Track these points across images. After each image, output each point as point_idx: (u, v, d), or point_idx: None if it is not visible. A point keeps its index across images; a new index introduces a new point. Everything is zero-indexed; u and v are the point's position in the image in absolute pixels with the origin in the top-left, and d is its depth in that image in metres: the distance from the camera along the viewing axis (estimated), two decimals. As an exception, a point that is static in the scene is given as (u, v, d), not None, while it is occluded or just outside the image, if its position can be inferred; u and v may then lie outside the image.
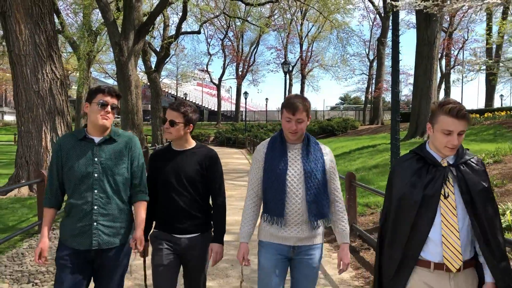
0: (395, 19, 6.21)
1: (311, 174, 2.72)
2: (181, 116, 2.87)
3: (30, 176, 10.01)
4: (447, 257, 2.16)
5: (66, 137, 2.77)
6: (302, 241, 2.75)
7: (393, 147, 6.47)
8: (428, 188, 2.23)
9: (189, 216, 2.88)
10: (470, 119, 2.26)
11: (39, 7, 9.95)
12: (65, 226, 2.69)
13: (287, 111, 2.70)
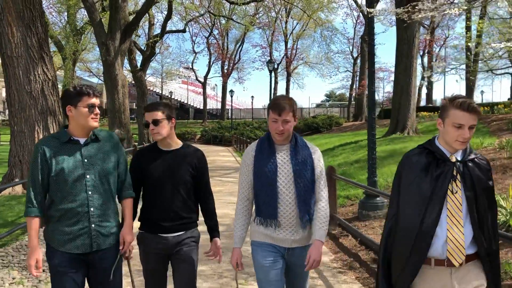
0: (370, 25, 6.72)
1: (300, 175, 2.72)
2: (160, 113, 2.85)
3: (24, 175, 10.31)
4: (451, 252, 2.17)
5: (47, 141, 2.68)
6: (297, 243, 2.76)
7: (370, 142, 6.99)
8: (437, 183, 2.23)
9: (178, 216, 2.88)
10: (480, 113, 2.26)
11: (30, 10, 10.23)
12: (57, 231, 2.60)
13: (273, 112, 2.69)
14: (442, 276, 2.20)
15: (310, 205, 2.75)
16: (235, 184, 12.53)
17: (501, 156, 8.51)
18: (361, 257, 5.48)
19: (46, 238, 2.67)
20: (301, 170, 2.72)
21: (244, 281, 4.70)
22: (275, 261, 2.74)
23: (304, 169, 2.73)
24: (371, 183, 6.94)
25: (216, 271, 5.03)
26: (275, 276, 2.73)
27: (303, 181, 2.72)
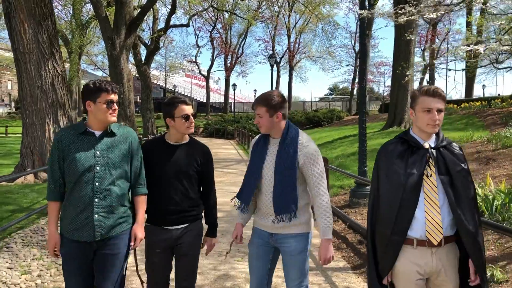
0: (362, 25, 7.19)
1: (279, 170, 2.79)
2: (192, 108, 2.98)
3: (35, 165, 10.87)
4: (430, 232, 2.31)
5: (65, 131, 2.79)
6: (277, 230, 2.84)
7: (361, 135, 7.50)
8: (413, 169, 2.38)
9: (182, 210, 2.94)
10: (445, 97, 2.41)
11: (41, 8, 10.73)
12: (65, 219, 2.72)
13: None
14: (424, 255, 2.34)
15: (288, 202, 2.77)
16: (236, 175, 13.06)
17: (488, 149, 8.98)
18: (348, 239, 6.00)
19: (60, 225, 2.78)
20: (281, 164, 2.79)
21: (241, 259, 5.22)
22: (260, 245, 2.93)
23: (285, 166, 2.78)
24: (362, 173, 7.44)
25: (215, 250, 5.55)
26: (256, 263, 2.95)
27: (282, 177, 2.78)
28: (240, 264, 5.05)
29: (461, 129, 15.25)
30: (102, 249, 2.72)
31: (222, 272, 4.80)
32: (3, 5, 10.82)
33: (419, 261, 2.35)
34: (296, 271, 2.85)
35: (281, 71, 54.31)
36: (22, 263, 5.02)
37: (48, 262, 5.05)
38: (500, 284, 3.90)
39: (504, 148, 8.55)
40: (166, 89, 63.20)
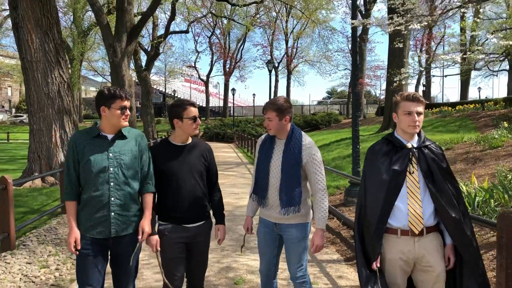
0: (354, 35, 7.62)
1: (285, 167, 3.12)
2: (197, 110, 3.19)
3: (42, 169, 11.28)
4: (412, 222, 2.56)
5: (80, 134, 2.93)
6: (280, 220, 3.19)
7: (354, 137, 7.94)
8: (397, 166, 2.63)
9: (198, 205, 3.12)
10: (423, 101, 2.67)
11: (47, 18, 11.17)
12: (82, 217, 2.86)
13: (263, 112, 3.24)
14: (407, 244, 2.58)
15: (293, 194, 3.10)
16: (236, 178, 13.48)
17: (476, 149, 9.41)
18: (342, 234, 6.42)
19: (77, 224, 2.90)
20: (287, 162, 3.12)
21: (242, 253, 5.63)
22: (267, 233, 3.29)
23: (290, 163, 3.11)
24: (355, 173, 7.86)
25: (218, 245, 5.97)
26: (265, 247, 3.32)
27: (287, 173, 3.11)
28: (242, 258, 5.45)
29: (454, 131, 15.68)
30: (117, 246, 2.90)
31: (225, 265, 5.21)
32: (11, 15, 11.25)
33: (403, 249, 2.59)
34: (297, 256, 3.19)
35: (279, 75, 54.80)
36: (40, 258, 5.43)
37: (64, 258, 5.46)
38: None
39: (491, 149, 8.98)
40: (165, 94, 63.66)
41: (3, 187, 5.70)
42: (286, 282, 4.58)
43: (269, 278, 3.36)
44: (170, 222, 3.08)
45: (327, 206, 3.18)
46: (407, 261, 2.62)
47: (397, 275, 2.64)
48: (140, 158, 2.98)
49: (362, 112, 39.13)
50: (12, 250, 5.70)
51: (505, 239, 2.86)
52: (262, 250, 3.35)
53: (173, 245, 3.06)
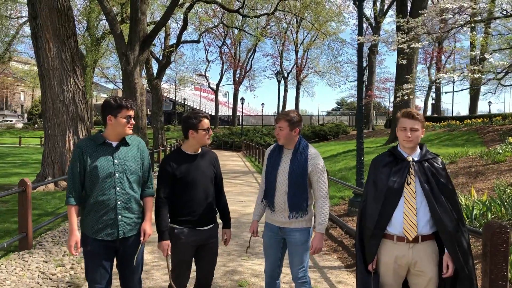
0: (360, 51, 7.91)
1: (292, 174, 3.37)
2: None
3: (55, 174, 11.64)
4: (406, 229, 2.75)
5: (86, 142, 3.07)
6: (285, 224, 3.44)
7: (358, 149, 8.18)
8: (396, 177, 2.82)
9: (210, 210, 3.36)
10: (419, 119, 2.84)
11: (65, 28, 11.59)
12: (89, 221, 3.01)
13: (275, 121, 3.59)
14: (402, 249, 2.77)
15: (300, 198, 3.36)
16: (244, 186, 13.74)
17: (478, 164, 9.59)
18: (344, 243, 6.64)
19: (81, 227, 3.05)
20: (294, 171, 3.38)
21: (247, 258, 5.89)
22: (271, 236, 3.54)
23: (297, 171, 3.37)
24: (359, 184, 8.10)
25: (225, 250, 6.23)
26: (270, 250, 3.57)
27: (294, 180, 3.37)
28: (247, 262, 5.70)
29: (460, 145, 15.83)
30: (124, 247, 3.08)
31: (230, 268, 5.46)
32: (30, 25, 11.69)
33: (398, 254, 2.79)
34: (299, 258, 3.44)
35: (288, 85, 55.19)
36: (55, 258, 5.72)
37: (78, 258, 5.74)
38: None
39: (494, 164, 9.17)
40: (175, 102, 64.25)
41: (23, 190, 6.02)
42: (288, 286, 4.82)
43: (273, 278, 3.63)
44: (185, 226, 3.26)
45: (327, 212, 3.42)
46: (401, 265, 2.82)
47: (391, 277, 2.86)
48: (142, 164, 3.17)
49: (371, 124, 39.30)
50: (29, 250, 6.01)
51: (489, 246, 3.10)
52: (267, 252, 3.60)
53: (188, 248, 3.27)
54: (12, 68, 51.00)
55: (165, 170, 3.26)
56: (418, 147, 2.93)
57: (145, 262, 5.58)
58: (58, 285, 4.75)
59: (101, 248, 3.01)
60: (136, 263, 3.14)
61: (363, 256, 2.94)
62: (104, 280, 3.03)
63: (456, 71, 8.00)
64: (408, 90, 9.03)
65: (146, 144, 22.79)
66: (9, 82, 57.16)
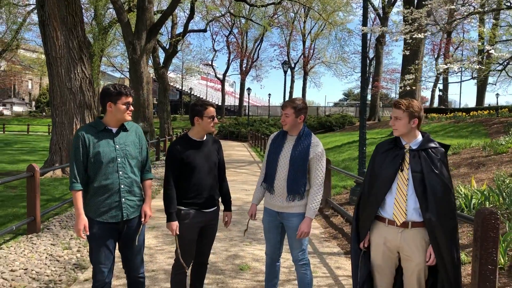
0: (364, 41, 7.95)
1: (293, 159, 3.50)
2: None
3: (63, 160, 11.83)
4: (395, 214, 2.87)
5: (87, 128, 3.14)
6: (283, 209, 3.56)
7: (361, 139, 8.26)
8: (391, 163, 2.94)
9: (214, 193, 3.52)
10: (402, 108, 2.92)
11: (72, 16, 11.70)
12: (93, 204, 3.11)
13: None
14: (392, 233, 2.90)
15: (299, 184, 3.49)
16: (248, 175, 13.88)
17: (481, 155, 9.65)
18: (344, 230, 6.77)
19: (85, 210, 3.12)
20: (296, 156, 3.50)
21: (249, 243, 6.03)
22: (270, 221, 3.68)
23: (299, 157, 3.49)
24: (361, 173, 8.19)
25: (227, 236, 6.38)
26: (268, 234, 3.72)
27: (296, 165, 3.49)
28: (248, 247, 5.84)
29: (465, 136, 15.85)
30: (127, 229, 3.22)
31: (232, 253, 5.60)
32: (38, 13, 11.81)
33: (387, 236, 2.93)
34: (298, 241, 3.58)
35: (295, 76, 55.10)
36: (62, 241, 5.90)
37: (84, 241, 5.91)
38: (463, 265, 4.65)
39: (496, 155, 9.22)
40: (182, 92, 64.38)
41: (31, 175, 6.18)
42: (288, 270, 4.96)
43: (274, 260, 3.79)
44: (192, 208, 3.42)
45: (320, 199, 3.55)
46: (390, 248, 2.95)
47: (380, 258, 3.00)
48: (140, 149, 3.29)
49: (377, 115, 39.23)
50: (37, 233, 6.19)
51: (479, 232, 3.21)
52: (267, 236, 3.75)
53: (194, 229, 3.44)
54: (20, 56, 51.24)
55: (172, 155, 3.39)
56: (420, 136, 2.99)
57: (149, 246, 5.76)
58: (65, 267, 4.92)
59: (106, 231, 3.12)
60: (138, 244, 3.27)
61: (358, 235, 3.10)
62: (108, 261, 3.15)
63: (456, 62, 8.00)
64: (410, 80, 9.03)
65: (152, 133, 22.99)
66: (17, 70, 57.44)
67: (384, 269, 3.02)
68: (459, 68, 7.78)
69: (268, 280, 3.84)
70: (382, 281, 3.04)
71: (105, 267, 3.14)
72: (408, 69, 17.02)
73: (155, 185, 11.33)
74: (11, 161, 15.67)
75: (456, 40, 41.23)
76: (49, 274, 4.68)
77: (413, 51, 17.42)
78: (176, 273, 3.49)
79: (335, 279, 4.76)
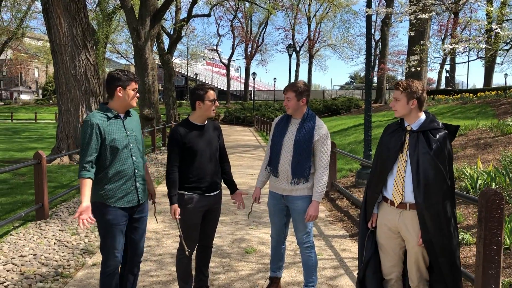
0: (368, 23, 7.85)
1: (298, 143, 3.50)
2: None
3: (70, 147, 11.91)
4: (394, 195, 2.90)
5: (98, 116, 3.11)
6: (288, 192, 3.58)
7: (366, 122, 8.24)
8: (392, 144, 2.96)
9: (217, 177, 3.54)
10: (399, 89, 2.91)
11: (75, 3, 11.66)
12: (110, 190, 3.11)
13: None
14: (392, 213, 2.94)
15: (303, 167, 3.50)
16: (254, 160, 13.91)
17: (488, 136, 9.58)
18: (350, 213, 6.79)
19: (97, 197, 3.10)
20: (300, 140, 3.50)
21: (255, 227, 6.07)
22: (275, 204, 3.71)
23: (303, 140, 3.49)
24: (366, 156, 8.18)
25: (233, 220, 6.43)
26: (274, 217, 3.75)
27: (300, 148, 3.50)
28: (254, 231, 5.89)
29: (472, 117, 15.72)
30: (137, 213, 3.26)
31: (238, 237, 5.65)
32: (41, 0, 11.77)
33: (388, 217, 2.98)
34: (303, 224, 3.61)
35: (300, 59, 54.74)
36: (70, 227, 5.97)
37: (92, 227, 5.97)
38: (469, 246, 4.66)
39: (503, 135, 9.15)
40: (187, 77, 64.26)
41: (38, 162, 6.24)
42: (293, 253, 4.99)
43: (279, 242, 3.83)
44: (194, 192, 3.42)
45: (326, 182, 3.55)
46: (391, 228, 2.98)
47: (383, 238, 3.05)
48: (141, 135, 3.36)
49: (383, 98, 38.97)
50: (46, 219, 6.27)
51: (484, 212, 3.20)
52: (272, 219, 3.79)
53: (197, 213, 3.44)
54: (26, 44, 51.30)
55: (174, 139, 3.39)
56: (423, 117, 2.94)
57: (156, 231, 5.83)
58: (73, 252, 4.99)
59: (121, 216, 3.15)
60: (143, 227, 3.34)
61: (366, 215, 3.15)
62: (122, 246, 3.20)
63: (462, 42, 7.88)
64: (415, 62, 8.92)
65: (158, 119, 23.04)
66: (23, 59, 57.58)
67: (387, 248, 3.05)
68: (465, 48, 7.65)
69: (273, 262, 3.88)
70: (386, 260, 3.08)
71: (118, 252, 3.19)
72: (413, 50, 16.88)
73: (161, 170, 11.39)
74: (19, 149, 15.80)
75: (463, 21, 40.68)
76: (58, 259, 4.75)
77: (419, 32, 17.23)
78: (180, 257, 3.53)
79: (340, 261, 4.80)
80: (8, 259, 4.68)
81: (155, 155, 15.09)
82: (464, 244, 4.70)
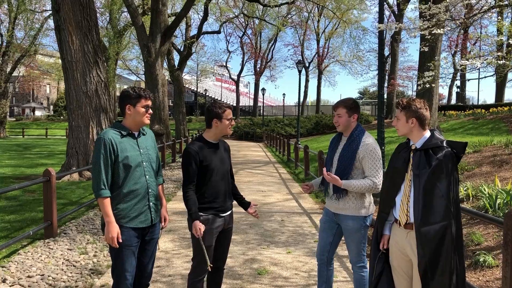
0: (381, 39, 7.78)
1: (341, 160, 3.51)
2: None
3: (79, 164, 11.88)
4: (400, 215, 2.86)
5: (112, 133, 3.06)
6: (338, 210, 3.54)
7: (379, 138, 8.09)
8: (398, 164, 2.94)
9: (230, 196, 3.51)
10: (399, 108, 2.91)
11: (87, 21, 11.75)
12: (123, 210, 3.04)
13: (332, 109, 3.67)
14: (401, 234, 2.88)
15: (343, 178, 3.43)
16: (264, 176, 13.77)
17: (504, 153, 9.38)
18: (364, 232, 6.62)
19: (114, 215, 3.03)
20: (343, 156, 3.50)
21: (267, 247, 5.92)
22: (326, 221, 3.68)
23: (347, 156, 3.48)
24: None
25: (244, 239, 6.28)
26: (322, 234, 3.71)
27: (343, 164, 3.48)
28: (265, 251, 5.74)
29: (485, 133, 15.50)
30: (149, 235, 3.19)
31: (250, 257, 5.50)
32: (53, 18, 11.88)
33: (397, 237, 2.92)
34: (354, 245, 3.54)
35: (310, 75, 54.88)
36: (79, 245, 5.87)
37: (101, 246, 5.88)
38: (491, 269, 4.47)
39: (519, 152, 8.95)
40: (197, 93, 64.60)
41: (47, 179, 6.17)
42: (307, 275, 4.83)
43: (322, 262, 3.71)
44: (210, 213, 3.34)
45: (362, 185, 3.36)
46: (400, 249, 2.90)
47: (393, 258, 2.96)
48: (156, 153, 3.30)
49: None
50: (54, 237, 6.18)
51: (510, 236, 3.05)
52: (319, 235, 3.75)
53: (213, 234, 3.36)
54: (38, 61, 51.96)
55: (191, 156, 3.30)
56: (427, 134, 2.87)
57: (166, 250, 5.70)
58: (81, 272, 4.88)
59: (133, 237, 3.07)
60: (154, 250, 3.26)
61: (377, 235, 3.07)
62: (133, 269, 3.11)
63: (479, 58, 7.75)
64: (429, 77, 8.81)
65: (168, 135, 23.05)
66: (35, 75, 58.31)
67: (399, 271, 2.96)
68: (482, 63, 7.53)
69: (318, 283, 3.81)
70: (398, 282, 2.99)
71: (130, 274, 3.10)
72: (427, 66, 16.72)
73: (171, 187, 11.30)
74: (30, 165, 15.83)
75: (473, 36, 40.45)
76: (66, 280, 4.64)
77: (431, 48, 17.09)
78: (194, 280, 3.40)
79: (356, 284, 4.62)
80: (15, 279, 4.58)
81: (165, 171, 15.01)
82: (486, 267, 4.51)
